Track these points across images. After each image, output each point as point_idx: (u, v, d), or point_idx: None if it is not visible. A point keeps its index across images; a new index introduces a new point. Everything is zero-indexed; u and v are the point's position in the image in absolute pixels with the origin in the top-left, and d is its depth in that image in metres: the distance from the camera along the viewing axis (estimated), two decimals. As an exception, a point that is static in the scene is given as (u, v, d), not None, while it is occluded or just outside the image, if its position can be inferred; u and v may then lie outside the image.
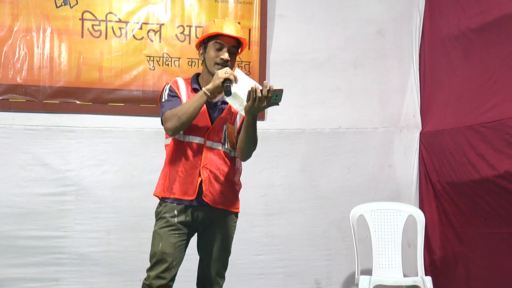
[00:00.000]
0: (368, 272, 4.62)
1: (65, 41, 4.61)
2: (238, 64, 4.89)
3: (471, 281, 4.63)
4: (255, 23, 4.96)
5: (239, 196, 3.31)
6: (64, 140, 4.58)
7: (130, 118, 4.71)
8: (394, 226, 4.74)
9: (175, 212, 3.13)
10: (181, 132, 3.11)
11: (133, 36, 4.74)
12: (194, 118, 3.05)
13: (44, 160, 4.54)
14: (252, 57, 4.94)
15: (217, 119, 3.17)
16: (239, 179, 3.29)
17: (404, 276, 4.65)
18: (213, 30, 3.16)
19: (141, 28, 4.75)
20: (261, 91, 2.93)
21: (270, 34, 5.01)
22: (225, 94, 3.03)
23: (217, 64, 3.13)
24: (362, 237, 4.76)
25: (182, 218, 3.13)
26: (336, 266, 4.99)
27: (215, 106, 3.18)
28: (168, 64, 4.78)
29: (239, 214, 3.32)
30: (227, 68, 3.08)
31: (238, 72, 3.09)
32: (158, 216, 3.19)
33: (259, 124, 4.83)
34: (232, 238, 3.27)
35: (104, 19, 4.70)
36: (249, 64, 4.93)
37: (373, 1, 5.23)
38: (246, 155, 3.20)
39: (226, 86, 3.02)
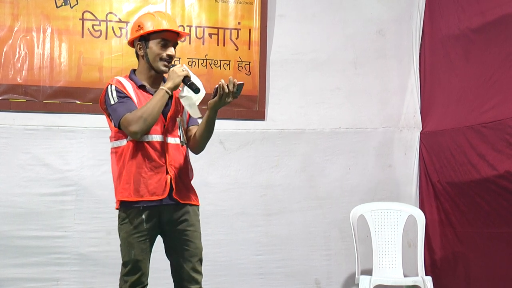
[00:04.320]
0: (368, 272, 4.63)
1: (65, 41, 4.61)
2: (238, 64, 4.90)
3: (471, 281, 4.63)
4: (255, 23, 4.95)
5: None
6: (64, 140, 4.58)
7: (130, 118, 4.71)
8: (394, 226, 4.74)
9: (143, 217, 3.08)
10: None
11: (133, 36, 4.74)
12: (157, 118, 3.03)
13: (44, 160, 4.54)
14: (252, 57, 4.94)
15: (169, 113, 3.14)
16: (192, 171, 3.26)
17: (405, 276, 4.65)
18: (158, 26, 3.10)
19: (141, 28, 4.74)
20: (228, 86, 2.99)
21: (270, 34, 5.01)
22: (195, 92, 3.04)
23: (162, 60, 3.11)
24: (362, 237, 4.76)
25: (150, 223, 3.09)
26: (336, 266, 4.98)
27: None
28: (168, 64, 4.77)
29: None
30: (181, 65, 3.11)
31: (186, 68, 3.11)
32: (124, 220, 3.12)
33: (259, 124, 4.92)
34: (200, 233, 3.20)
35: (105, 19, 4.69)
36: (249, 64, 4.93)
37: (373, 1, 5.22)
38: (202, 148, 3.24)
39: (191, 83, 3.04)
